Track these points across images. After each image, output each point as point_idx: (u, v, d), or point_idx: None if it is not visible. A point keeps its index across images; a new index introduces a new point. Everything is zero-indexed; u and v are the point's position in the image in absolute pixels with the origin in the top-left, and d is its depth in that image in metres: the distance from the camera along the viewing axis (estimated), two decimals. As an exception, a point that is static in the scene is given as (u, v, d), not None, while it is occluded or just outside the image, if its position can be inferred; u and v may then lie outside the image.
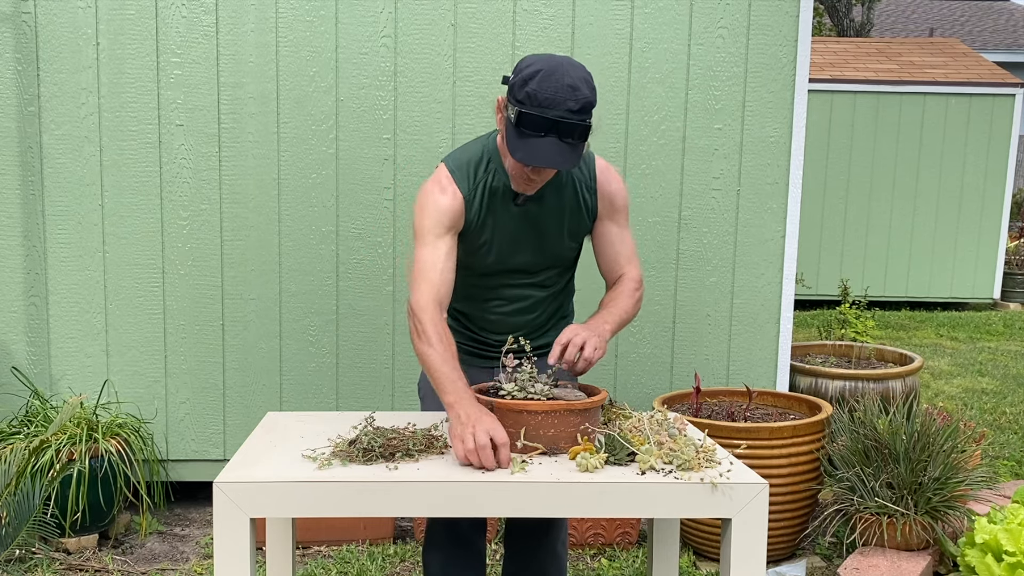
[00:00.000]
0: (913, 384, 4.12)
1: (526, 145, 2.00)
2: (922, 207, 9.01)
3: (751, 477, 1.81)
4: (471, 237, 2.19)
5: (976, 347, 7.61)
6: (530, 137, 1.99)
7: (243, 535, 1.75)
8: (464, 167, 2.18)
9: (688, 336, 3.86)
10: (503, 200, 2.18)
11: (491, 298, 2.30)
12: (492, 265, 2.24)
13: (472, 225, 2.18)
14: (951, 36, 16.08)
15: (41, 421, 3.48)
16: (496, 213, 2.19)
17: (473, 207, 2.17)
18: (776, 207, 3.80)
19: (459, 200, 2.15)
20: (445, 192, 2.15)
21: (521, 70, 2.01)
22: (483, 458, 1.82)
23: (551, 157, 1.99)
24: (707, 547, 3.42)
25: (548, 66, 1.99)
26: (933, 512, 3.08)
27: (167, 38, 3.61)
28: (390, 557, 3.44)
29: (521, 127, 1.99)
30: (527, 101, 1.97)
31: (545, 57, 2.03)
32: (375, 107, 3.67)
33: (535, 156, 2.00)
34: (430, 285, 2.09)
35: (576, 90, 1.98)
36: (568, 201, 2.23)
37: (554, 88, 1.96)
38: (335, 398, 3.79)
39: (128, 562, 3.37)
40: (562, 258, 2.30)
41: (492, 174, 2.17)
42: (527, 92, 1.97)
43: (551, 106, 1.96)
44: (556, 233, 2.24)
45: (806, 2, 3.70)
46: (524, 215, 2.20)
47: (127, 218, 3.67)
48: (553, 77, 1.97)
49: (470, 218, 2.17)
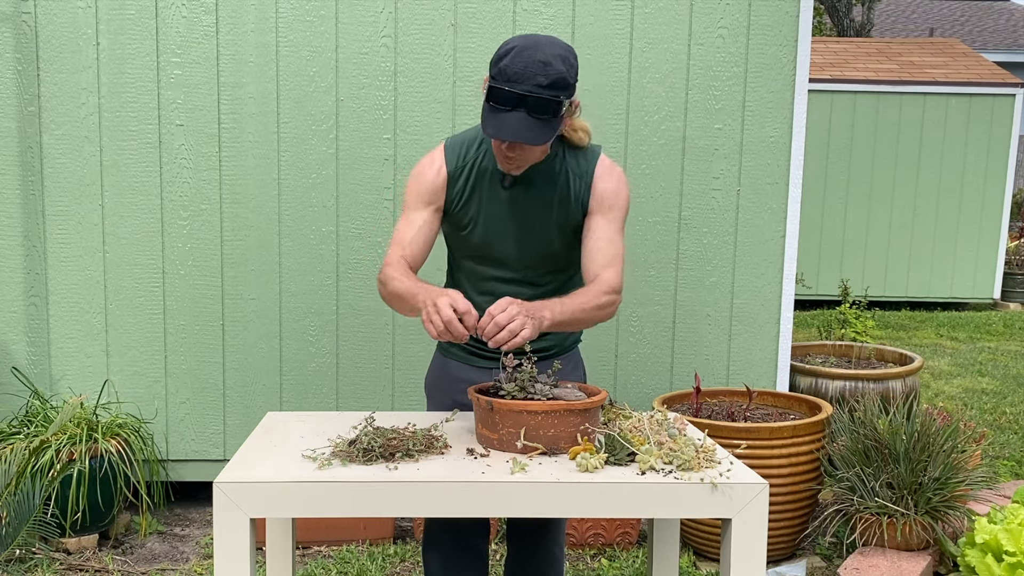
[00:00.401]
0: (913, 384, 4.12)
1: (495, 119, 2.00)
2: (922, 207, 9.02)
3: (751, 477, 1.81)
4: (456, 215, 2.22)
5: (976, 347, 7.62)
6: (499, 111, 1.99)
7: (243, 535, 1.75)
8: (459, 145, 2.22)
9: (688, 336, 3.86)
10: (491, 182, 2.19)
11: (484, 293, 2.27)
12: (478, 248, 2.23)
13: (455, 202, 2.21)
14: (951, 36, 16.08)
15: (41, 421, 3.48)
16: (483, 194, 2.20)
17: (457, 184, 2.20)
18: (776, 207, 3.81)
19: (443, 176, 2.20)
20: (432, 166, 2.21)
21: (501, 48, 2.03)
22: (452, 331, 1.90)
23: (518, 131, 1.98)
24: (707, 547, 3.42)
25: (524, 43, 2.00)
26: (933, 512, 3.09)
27: (167, 38, 3.61)
28: (390, 557, 3.44)
29: (491, 101, 2.00)
30: (498, 76, 1.99)
31: (527, 36, 2.04)
32: (375, 107, 3.67)
33: (502, 130, 1.99)
34: (400, 248, 2.19)
35: (548, 65, 1.97)
36: (559, 191, 2.19)
37: (524, 63, 1.96)
38: (335, 398, 3.79)
39: (128, 562, 3.37)
40: (551, 253, 2.25)
41: (484, 154, 2.20)
42: (499, 68, 1.99)
43: (520, 80, 1.96)
44: (543, 222, 2.21)
45: (806, 2, 3.70)
46: (512, 200, 2.19)
47: (127, 218, 3.67)
48: (526, 53, 1.98)
49: (452, 195, 2.20)
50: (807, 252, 8.77)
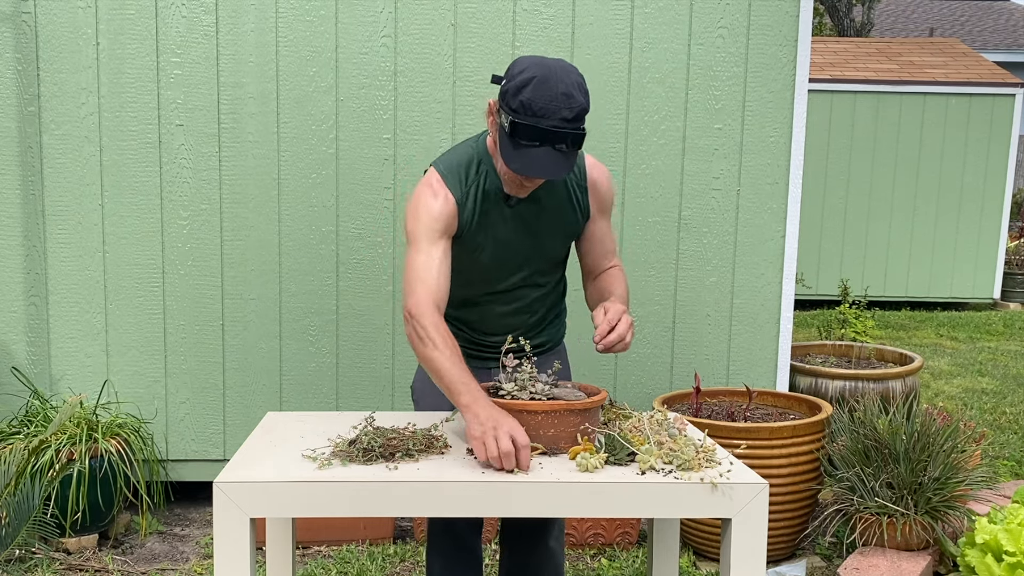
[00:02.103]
0: (913, 384, 4.12)
1: (521, 156, 1.96)
2: (922, 207, 9.01)
3: (751, 477, 1.81)
4: (466, 240, 2.16)
5: (976, 347, 7.61)
6: (525, 147, 1.96)
7: (243, 535, 1.75)
8: (455, 170, 2.14)
9: (688, 336, 3.86)
10: (495, 202, 2.16)
11: (488, 300, 2.28)
12: (487, 267, 2.22)
13: (466, 228, 2.15)
14: (951, 36, 16.08)
15: (41, 421, 3.48)
16: (490, 215, 2.16)
17: (466, 210, 2.13)
18: (776, 207, 3.81)
19: (451, 204, 2.11)
20: (437, 196, 2.10)
21: (514, 76, 1.97)
22: (505, 463, 1.81)
23: (547, 167, 1.97)
24: (707, 547, 3.42)
25: (542, 72, 1.94)
26: (933, 512, 3.08)
27: (167, 38, 3.61)
28: (390, 557, 3.44)
29: (516, 137, 1.96)
30: (521, 110, 1.94)
31: (537, 61, 1.98)
32: (375, 107, 3.67)
33: (531, 167, 1.97)
34: (426, 289, 2.05)
35: (570, 98, 1.94)
36: (561, 200, 2.21)
37: (548, 97, 1.92)
38: (335, 398, 3.79)
39: (128, 562, 3.37)
40: (555, 257, 2.29)
41: (484, 176, 2.14)
42: (521, 101, 1.93)
43: (546, 116, 1.93)
44: (550, 233, 2.23)
45: (806, 2, 3.70)
46: (518, 216, 2.18)
47: (127, 218, 3.67)
48: (547, 85, 1.93)
49: (463, 221, 2.14)
50: (807, 252, 8.77)
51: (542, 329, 2.36)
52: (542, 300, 2.33)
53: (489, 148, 2.15)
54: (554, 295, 2.37)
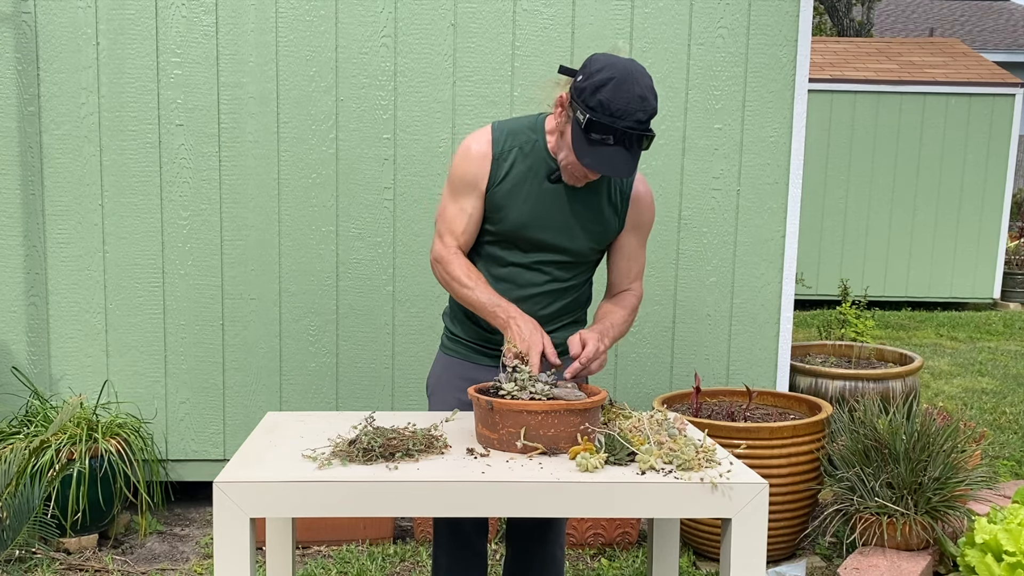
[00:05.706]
0: (913, 384, 4.12)
1: (594, 152, 2.03)
2: (922, 207, 9.02)
3: (751, 477, 1.81)
4: (491, 196, 2.22)
5: (976, 347, 7.62)
6: (599, 145, 2.03)
7: (243, 535, 1.75)
8: (506, 129, 2.23)
9: (688, 336, 3.86)
10: (534, 173, 2.20)
11: (501, 278, 2.27)
12: (509, 234, 2.24)
13: (495, 183, 2.20)
14: (951, 36, 16.08)
15: (41, 421, 3.48)
16: (525, 182, 2.20)
17: (502, 167, 2.20)
18: (776, 207, 3.81)
19: (489, 156, 2.20)
20: (480, 146, 2.21)
21: (592, 74, 2.02)
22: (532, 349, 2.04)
23: (617, 166, 2.04)
24: (707, 547, 3.42)
25: (620, 74, 2.01)
26: (933, 512, 3.09)
27: (167, 38, 3.61)
28: (390, 557, 3.44)
29: (591, 133, 2.02)
30: (599, 109, 2.00)
31: (613, 61, 2.04)
32: (375, 107, 3.67)
33: (603, 164, 2.04)
34: (453, 236, 2.23)
35: (645, 100, 2.02)
36: (601, 199, 2.25)
37: (626, 99, 2.00)
38: (335, 398, 3.79)
39: (128, 562, 3.37)
40: (578, 252, 2.28)
41: (532, 145, 2.20)
42: (599, 100, 2.00)
43: (622, 116, 2.00)
44: (580, 225, 2.25)
45: (806, 2, 3.70)
46: (554, 193, 2.21)
47: (127, 218, 3.67)
48: (625, 86, 2.00)
49: (495, 176, 2.20)
50: (807, 252, 8.77)
51: (555, 329, 2.33)
52: (559, 294, 2.30)
53: (547, 128, 2.21)
54: (572, 296, 2.34)
